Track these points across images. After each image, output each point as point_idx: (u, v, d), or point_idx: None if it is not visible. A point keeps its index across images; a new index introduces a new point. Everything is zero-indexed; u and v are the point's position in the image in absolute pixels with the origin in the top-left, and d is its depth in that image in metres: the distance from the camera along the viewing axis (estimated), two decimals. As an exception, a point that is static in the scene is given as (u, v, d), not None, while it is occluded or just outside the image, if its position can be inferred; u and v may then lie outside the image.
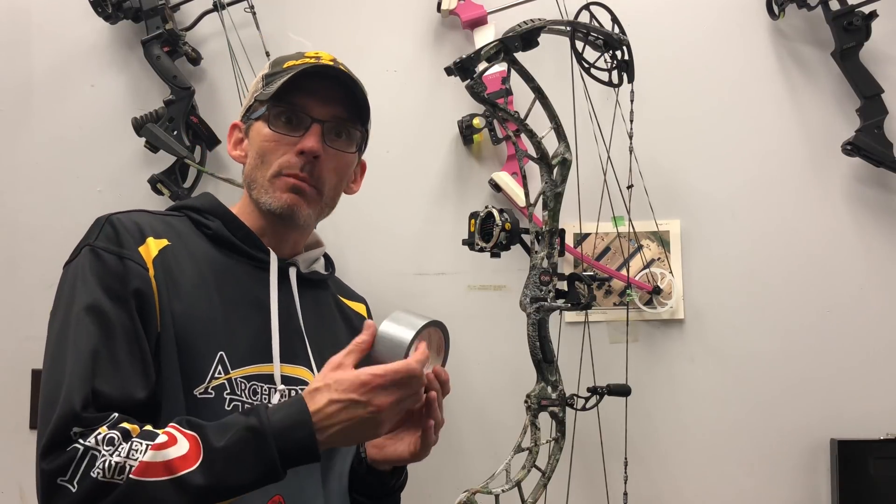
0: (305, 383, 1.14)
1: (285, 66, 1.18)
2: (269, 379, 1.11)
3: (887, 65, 1.65)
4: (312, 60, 1.18)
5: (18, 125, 1.76)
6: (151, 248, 1.07)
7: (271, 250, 1.18)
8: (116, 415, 0.95)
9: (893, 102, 1.62)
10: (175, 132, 1.64)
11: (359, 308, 1.37)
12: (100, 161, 1.75)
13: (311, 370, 1.16)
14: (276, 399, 1.10)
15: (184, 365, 1.04)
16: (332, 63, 1.19)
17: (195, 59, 1.72)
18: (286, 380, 1.12)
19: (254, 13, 1.68)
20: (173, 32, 1.66)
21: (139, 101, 1.74)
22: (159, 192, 1.64)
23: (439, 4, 1.70)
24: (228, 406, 1.06)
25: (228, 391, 1.06)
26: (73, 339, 0.98)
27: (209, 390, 1.05)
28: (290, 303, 1.17)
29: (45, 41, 1.77)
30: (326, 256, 1.34)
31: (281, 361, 1.12)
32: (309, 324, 1.18)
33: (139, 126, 1.64)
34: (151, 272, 1.05)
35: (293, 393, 1.11)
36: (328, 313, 1.27)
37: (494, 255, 1.31)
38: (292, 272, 1.20)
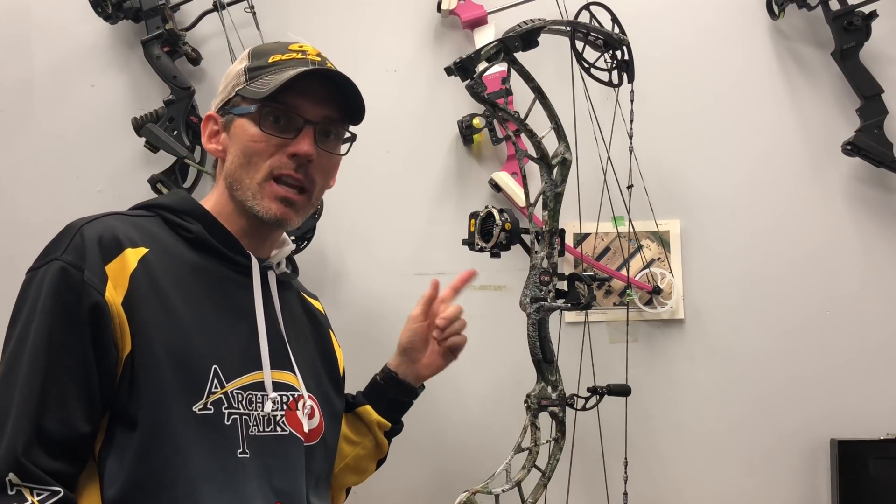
0: (293, 388, 1.14)
1: (271, 60, 1.14)
2: (261, 387, 1.09)
3: (887, 65, 1.65)
4: (299, 55, 1.15)
5: (19, 125, 1.76)
6: (129, 259, 1.02)
7: (252, 255, 1.15)
8: (61, 492, 0.94)
9: (893, 102, 1.62)
10: (175, 132, 1.64)
11: (318, 305, 1.34)
12: (100, 161, 1.75)
13: (295, 374, 1.15)
14: (268, 407, 1.09)
15: (179, 380, 1.01)
16: (319, 59, 1.16)
17: (195, 59, 1.72)
18: (277, 386, 1.11)
19: (254, 13, 1.67)
20: (173, 32, 1.66)
21: (139, 101, 1.74)
22: (159, 192, 1.64)
23: (439, 4, 1.70)
24: (228, 420, 1.04)
25: (226, 405, 1.05)
26: (25, 372, 0.97)
27: (208, 406, 1.03)
28: (271, 307, 1.15)
29: (45, 41, 1.77)
30: (289, 256, 1.30)
31: (271, 368, 1.11)
32: (287, 327, 1.17)
33: (139, 126, 1.64)
34: (124, 289, 1.00)
35: (285, 399, 1.11)
36: (297, 314, 1.25)
37: (494, 255, 1.31)
38: (272, 276, 1.17)
